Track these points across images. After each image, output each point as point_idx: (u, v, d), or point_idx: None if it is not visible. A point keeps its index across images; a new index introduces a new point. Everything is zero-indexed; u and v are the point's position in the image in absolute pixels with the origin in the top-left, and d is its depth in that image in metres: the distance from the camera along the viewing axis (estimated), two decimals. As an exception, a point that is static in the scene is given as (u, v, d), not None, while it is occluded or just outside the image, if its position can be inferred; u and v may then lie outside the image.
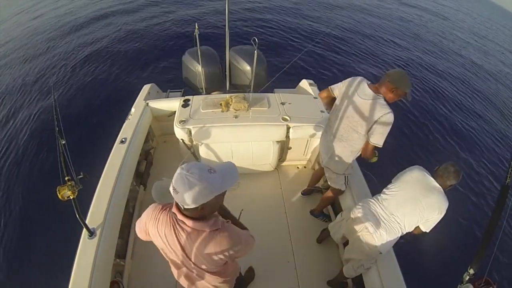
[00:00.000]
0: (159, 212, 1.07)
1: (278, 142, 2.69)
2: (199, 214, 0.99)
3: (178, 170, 0.92)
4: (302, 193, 2.82)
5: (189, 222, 0.99)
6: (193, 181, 0.88)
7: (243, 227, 1.32)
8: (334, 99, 2.02)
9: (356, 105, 1.78)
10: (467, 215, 4.01)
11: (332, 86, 2.00)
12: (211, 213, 1.06)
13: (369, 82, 1.81)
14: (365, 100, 1.74)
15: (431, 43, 10.74)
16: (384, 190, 1.82)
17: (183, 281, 1.31)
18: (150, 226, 1.09)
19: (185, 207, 0.93)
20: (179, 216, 1.00)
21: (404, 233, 1.70)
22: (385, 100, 1.71)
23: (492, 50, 12.57)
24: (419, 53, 9.46)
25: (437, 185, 1.64)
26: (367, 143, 1.84)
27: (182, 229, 1.02)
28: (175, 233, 1.03)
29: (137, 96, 3.02)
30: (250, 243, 1.23)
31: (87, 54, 6.66)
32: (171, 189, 0.93)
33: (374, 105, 1.70)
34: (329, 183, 2.31)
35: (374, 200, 1.79)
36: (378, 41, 9.40)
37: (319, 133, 2.63)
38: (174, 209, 1.02)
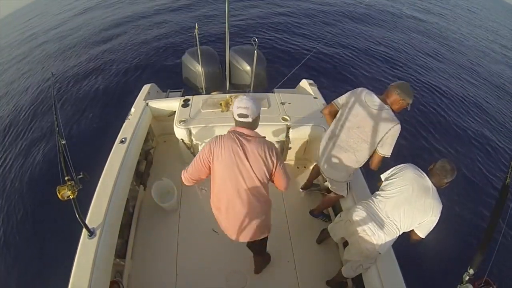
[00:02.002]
0: (220, 138, 1.48)
1: (278, 142, 2.69)
2: (253, 126, 1.49)
3: (243, 97, 1.45)
4: (301, 188, 2.83)
5: (248, 132, 1.46)
6: (254, 100, 1.45)
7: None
8: (337, 112, 2.00)
9: (367, 115, 1.77)
10: (467, 215, 4.01)
11: (336, 101, 1.98)
12: (256, 127, 1.53)
13: (375, 93, 1.83)
14: (375, 110, 1.75)
15: (430, 40, 10.74)
16: (379, 191, 1.81)
17: (230, 205, 1.57)
18: (217, 148, 1.45)
19: (250, 119, 1.43)
20: (241, 130, 1.46)
21: (401, 233, 1.70)
22: (392, 110, 1.76)
23: (493, 50, 12.57)
24: (419, 52, 9.46)
25: (432, 185, 1.63)
26: (376, 155, 1.84)
27: (244, 138, 1.44)
28: (239, 143, 1.43)
29: (137, 96, 3.02)
30: (287, 173, 1.60)
31: (87, 54, 6.67)
32: (239, 111, 1.41)
33: (385, 116, 1.73)
34: (331, 189, 2.29)
35: (371, 202, 1.78)
36: (381, 44, 9.40)
37: (319, 133, 2.63)
38: (236, 129, 1.47)
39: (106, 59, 6.45)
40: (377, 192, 1.81)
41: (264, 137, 1.50)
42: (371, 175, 2.28)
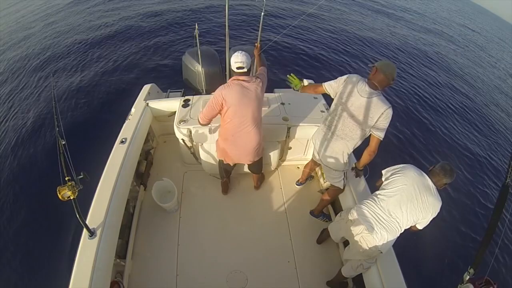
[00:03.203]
0: (228, 85, 1.97)
1: (278, 142, 2.69)
2: (248, 73, 1.99)
3: (237, 53, 1.92)
4: (296, 184, 2.86)
5: (246, 78, 1.98)
6: (246, 54, 1.94)
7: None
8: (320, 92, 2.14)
9: (359, 104, 1.85)
10: (468, 215, 4.01)
11: (326, 84, 2.06)
12: (250, 73, 2.03)
13: (365, 79, 1.89)
14: (366, 98, 1.82)
15: (434, 39, 10.75)
16: (379, 190, 1.81)
17: (237, 132, 2.10)
18: (227, 92, 1.94)
19: (246, 69, 1.94)
20: (241, 78, 1.97)
21: (403, 230, 1.71)
22: (382, 94, 1.83)
23: (493, 49, 12.57)
24: (420, 51, 9.47)
25: (432, 184, 1.65)
26: (373, 137, 1.88)
27: (245, 82, 1.97)
28: (242, 85, 1.96)
29: (137, 96, 3.01)
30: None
31: (87, 54, 6.66)
32: (237, 65, 1.93)
33: (377, 102, 1.79)
34: (328, 181, 2.32)
35: (371, 201, 1.78)
36: (377, 41, 9.41)
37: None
38: (238, 78, 1.97)
39: (106, 59, 6.45)
40: (378, 192, 1.81)
41: (256, 77, 2.03)
42: (371, 175, 2.28)
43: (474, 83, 8.64)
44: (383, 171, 1.89)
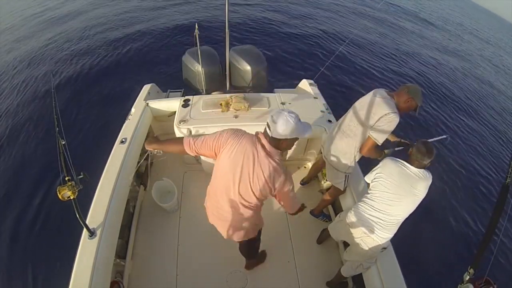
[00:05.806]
0: (242, 134, 1.40)
1: None
2: (277, 146, 1.33)
3: (281, 111, 1.28)
4: (301, 183, 2.87)
5: (269, 147, 1.33)
6: (289, 120, 1.25)
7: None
8: None
9: (368, 101, 1.89)
10: (468, 215, 4.01)
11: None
12: (284, 150, 1.39)
13: (387, 90, 1.93)
14: (378, 97, 1.85)
15: (431, 42, 10.75)
16: (369, 192, 1.81)
17: (214, 199, 1.58)
18: (234, 142, 1.37)
19: (274, 136, 1.28)
20: (263, 140, 1.34)
21: (402, 222, 1.71)
22: (397, 107, 1.81)
23: (493, 49, 12.57)
24: (421, 50, 9.46)
25: (415, 171, 1.64)
26: (368, 138, 1.88)
27: (262, 149, 1.34)
28: (255, 148, 1.34)
29: (137, 96, 3.01)
30: (295, 200, 1.64)
31: (88, 54, 6.66)
32: (268, 119, 1.29)
33: (385, 102, 1.80)
34: (329, 181, 2.32)
35: (365, 203, 1.78)
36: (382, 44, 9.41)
37: (319, 133, 2.64)
38: (260, 135, 1.36)
39: (106, 59, 6.45)
40: (367, 195, 1.82)
41: (281, 162, 1.37)
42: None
43: (477, 79, 8.63)
44: (366, 178, 1.89)
